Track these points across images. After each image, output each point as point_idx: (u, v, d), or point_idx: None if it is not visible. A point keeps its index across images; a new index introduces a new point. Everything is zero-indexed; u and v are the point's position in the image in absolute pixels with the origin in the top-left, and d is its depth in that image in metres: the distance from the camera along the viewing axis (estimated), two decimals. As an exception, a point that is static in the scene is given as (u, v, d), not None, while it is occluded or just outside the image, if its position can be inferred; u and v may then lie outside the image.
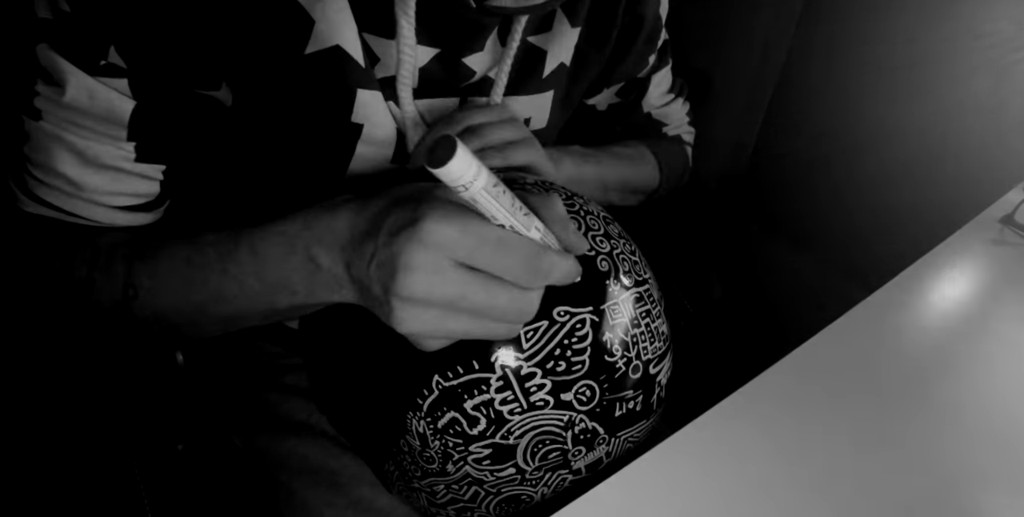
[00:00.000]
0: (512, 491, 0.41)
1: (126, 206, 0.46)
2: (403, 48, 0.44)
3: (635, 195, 0.71)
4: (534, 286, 0.31)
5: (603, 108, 0.71)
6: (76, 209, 0.44)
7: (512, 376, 0.37)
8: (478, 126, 0.50)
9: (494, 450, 0.38)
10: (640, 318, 0.41)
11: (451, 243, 0.28)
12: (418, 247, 0.28)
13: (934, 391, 0.48)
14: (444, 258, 0.29)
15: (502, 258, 0.29)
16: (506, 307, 0.30)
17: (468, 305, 0.30)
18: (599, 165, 0.63)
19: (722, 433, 0.42)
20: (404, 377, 0.38)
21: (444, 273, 0.29)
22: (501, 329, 0.32)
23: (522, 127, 0.52)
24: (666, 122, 0.74)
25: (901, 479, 0.40)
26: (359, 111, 0.46)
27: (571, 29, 0.55)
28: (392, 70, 0.46)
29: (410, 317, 0.30)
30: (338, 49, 0.43)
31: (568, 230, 0.32)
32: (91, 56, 0.39)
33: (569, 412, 0.38)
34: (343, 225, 0.33)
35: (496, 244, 0.29)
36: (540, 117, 0.58)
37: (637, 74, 0.67)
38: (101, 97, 0.40)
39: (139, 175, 0.45)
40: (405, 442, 0.40)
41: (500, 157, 0.49)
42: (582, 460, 0.41)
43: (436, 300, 0.29)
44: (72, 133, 0.41)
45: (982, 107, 0.96)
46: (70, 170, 0.42)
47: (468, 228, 0.28)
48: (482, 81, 0.53)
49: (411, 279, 0.29)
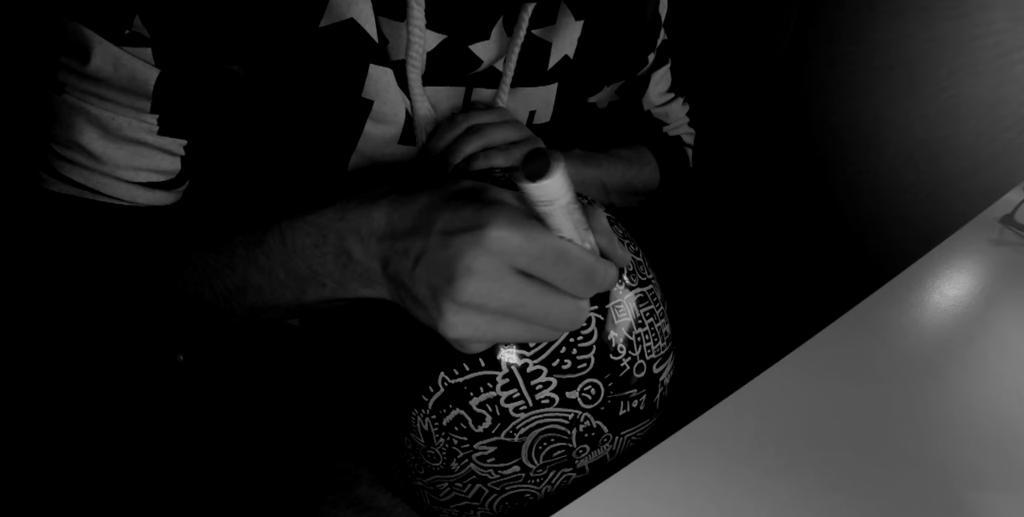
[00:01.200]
0: (516, 489, 0.40)
1: (147, 182, 0.45)
2: (413, 29, 0.44)
3: (636, 197, 0.71)
4: (588, 296, 0.31)
5: (603, 106, 0.71)
6: (98, 185, 0.43)
7: (518, 374, 0.37)
8: (481, 126, 0.49)
9: (499, 448, 0.38)
10: (644, 318, 0.41)
11: (515, 251, 0.28)
12: (481, 252, 0.28)
13: (934, 390, 0.48)
14: (505, 265, 0.28)
15: (563, 269, 0.29)
16: (559, 315, 0.30)
17: (523, 312, 0.29)
18: (600, 168, 0.63)
19: (722, 432, 0.42)
20: (409, 374, 0.38)
21: (504, 280, 0.28)
22: (550, 334, 0.31)
23: (524, 129, 0.52)
24: (666, 121, 0.74)
25: (901, 479, 0.40)
26: (370, 87, 0.46)
27: (575, 22, 0.55)
28: (402, 53, 0.46)
29: (461, 323, 0.29)
30: (352, 23, 0.43)
31: (614, 243, 0.32)
32: (116, 25, 0.39)
33: (574, 410, 0.38)
34: (381, 218, 0.32)
35: (558, 255, 0.28)
36: (545, 110, 0.58)
37: (636, 72, 0.67)
38: (126, 66, 0.40)
39: (161, 149, 0.44)
40: (409, 440, 0.40)
41: (503, 156, 0.49)
42: (586, 458, 0.40)
43: (493, 307, 0.29)
44: (95, 105, 0.41)
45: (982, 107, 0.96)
46: (92, 143, 0.42)
47: (534, 238, 0.28)
48: (488, 71, 0.53)
49: (471, 284, 0.28)
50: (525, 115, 0.57)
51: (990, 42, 0.94)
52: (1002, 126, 0.96)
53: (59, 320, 0.48)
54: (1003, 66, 0.94)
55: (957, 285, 0.60)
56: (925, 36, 0.99)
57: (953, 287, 0.59)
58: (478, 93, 0.54)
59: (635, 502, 0.37)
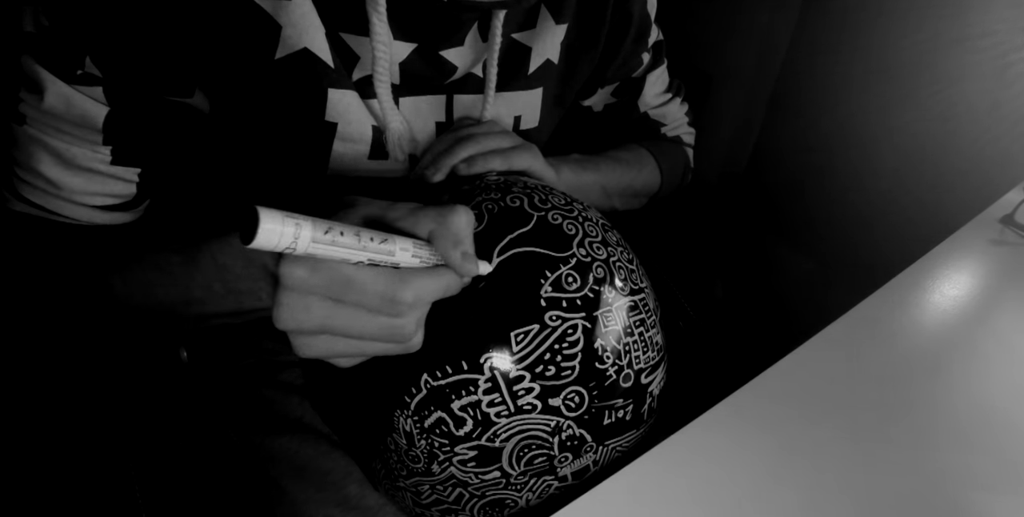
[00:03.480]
0: (496, 495, 0.39)
1: (104, 206, 0.47)
2: (377, 46, 0.44)
3: (637, 199, 0.70)
4: (398, 314, 0.31)
5: (599, 109, 0.70)
6: (56, 208, 0.46)
7: (500, 378, 0.36)
8: (471, 135, 0.49)
9: (480, 452, 0.37)
10: (634, 327, 0.40)
11: (305, 284, 0.30)
12: (281, 288, 0.30)
13: (934, 390, 0.47)
14: (309, 295, 0.30)
15: (356, 294, 0.30)
16: (378, 333, 0.32)
17: (342, 332, 0.31)
18: (598, 172, 0.62)
19: (720, 433, 0.41)
20: (394, 375, 0.37)
21: (310, 309, 0.30)
22: (390, 348, 0.33)
23: (516, 137, 0.51)
24: (664, 122, 0.73)
25: (900, 479, 0.39)
26: (331, 110, 0.46)
27: (556, 26, 0.54)
28: (371, 68, 0.46)
29: (299, 344, 0.32)
30: (306, 52, 0.44)
31: (455, 251, 0.33)
32: (68, 66, 0.40)
33: (557, 417, 0.37)
34: None
35: (345, 283, 0.30)
36: (531, 115, 0.57)
37: (631, 73, 0.66)
38: (77, 104, 0.42)
39: (115, 177, 0.46)
40: (392, 440, 0.39)
41: (501, 159, 0.49)
42: (568, 467, 0.39)
43: (309, 330, 0.31)
44: (52, 136, 0.43)
45: (982, 107, 0.95)
46: (50, 171, 0.44)
47: (316, 269, 0.30)
48: (467, 78, 0.52)
49: (279, 315, 0.30)
50: (511, 120, 0.57)
51: (989, 43, 0.93)
52: (1002, 126, 0.95)
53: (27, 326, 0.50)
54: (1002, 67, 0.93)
55: (957, 285, 0.59)
56: (925, 36, 0.98)
57: (953, 287, 0.58)
58: (459, 100, 0.53)
59: (620, 514, 0.36)
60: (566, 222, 0.40)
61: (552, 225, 0.39)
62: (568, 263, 0.38)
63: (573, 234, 0.40)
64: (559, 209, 0.41)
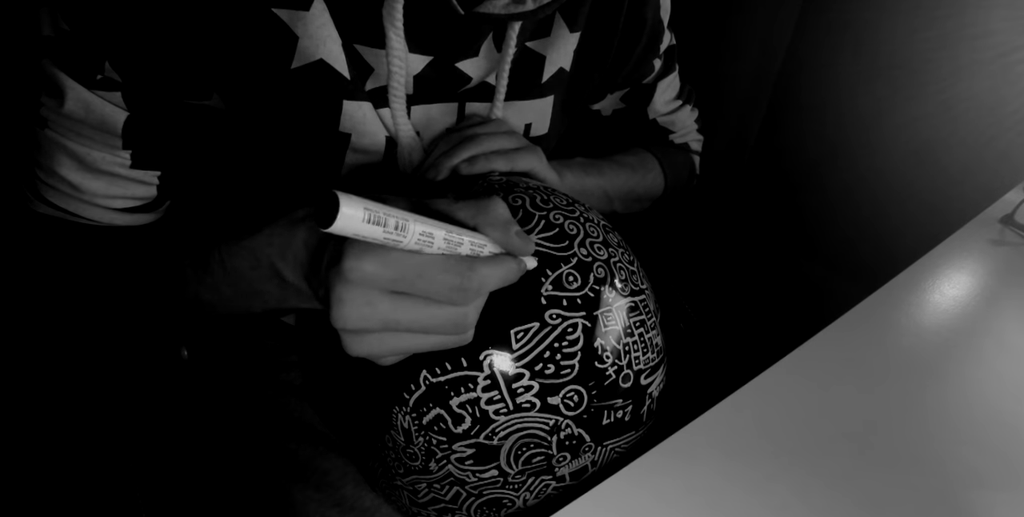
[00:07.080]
0: (494, 494, 0.38)
1: (125, 208, 0.47)
2: (393, 60, 0.43)
3: (639, 203, 0.69)
4: (465, 303, 0.30)
5: (608, 113, 0.69)
6: (78, 210, 0.46)
7: (500, 376, 0.35)
8: (475, 135, 0.48)
9: (477, 450, 0.36)
10: (634, 327, 0.39)
11: (372, 277, 0.28)
12: (342, 283, 0.29)
13: (933, 390, 0.46)
14: (372, 290, 0.29)
15: (426, 284, 0.29)
16: (443, 323, 0.31)
17: (406, 326, 0.30)
18: (602, 176, 0.61)
19: (720, 434, 0.40)
20: (393, 371, 0.36)
21: (374, 304, 0.29)
22: (448, 341, 0.32)
23: (521, 138, 0.51)
24: (672, 129, 0.72)
25: (900, 479, 0.39)
26: (346, 121, 0.46)
27: (570, 34, 0.53)
28: (386, 79, 0.46)
29: (353, 343, 0.31)
30: (322, 63, 0.43)
31: (509, 233, 0.32)
32: (88, 71, 0.40)
33: (555, 416, 0.36)
34: (300, 243, 0.34)
35: (415, 273, 0.29)
36: (541, 123, 0.56)
37: (642, 79, 0.65)
38: (96, 109, 0.41)
39: (135, 180, 0.46)
40: (390, 437, 0.38)
41: (504, 160, 0.48)
42: (566, 467, 0.38)
43: (372, 327, 0.30)
44: (72, 140, 0.43)
45: (982, 107, 0.94)
46: (70, 174, 0.44)
47: (387, 263, 0.28)
48: (480, 86, 0.51)
49: (342, 312, 0.29)
50: (521, 128, 0.56)
51: (990, 42, 0.92)
52: (1002, 126, 0.94)
53: (45, 324, 0.51)
54: (1003, 66, 0.92)
55: (957, 285, 0.58)
56: (925, 36, 0.97)
57: (953, 287, 0.57)
58: (471, 108, 0.52)
59: (619, 513, 0.35)
60: (568, 222, 0.40)
61: (554, 225, 0.39)
62: (569, 262, 0.37)
63: (574, 234, 0.39)
64: (561, 209, 0.40)
